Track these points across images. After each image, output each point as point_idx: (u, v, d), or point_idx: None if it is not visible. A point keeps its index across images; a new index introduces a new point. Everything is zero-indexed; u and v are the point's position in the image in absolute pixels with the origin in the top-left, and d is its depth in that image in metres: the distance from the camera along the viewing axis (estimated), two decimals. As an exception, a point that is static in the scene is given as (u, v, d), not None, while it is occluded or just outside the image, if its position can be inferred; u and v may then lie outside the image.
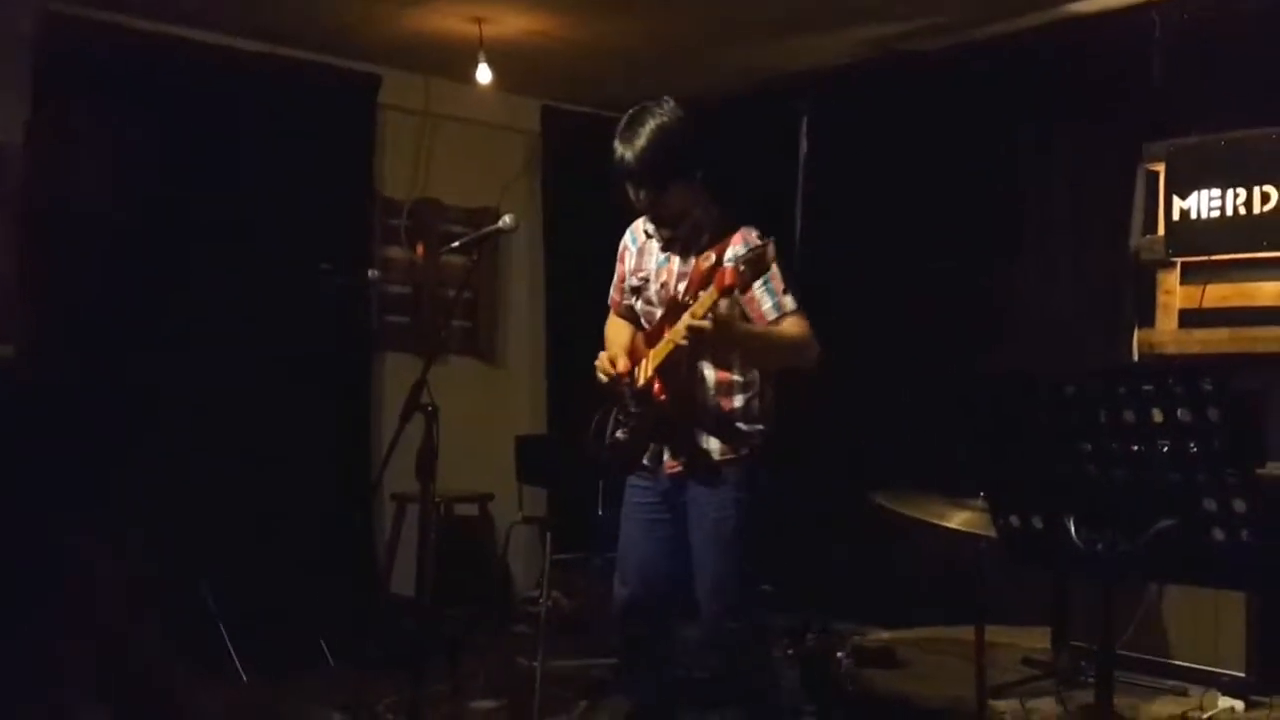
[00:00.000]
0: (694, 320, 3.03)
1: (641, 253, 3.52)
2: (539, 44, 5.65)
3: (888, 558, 5.19)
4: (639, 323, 3.55)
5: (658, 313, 3.40)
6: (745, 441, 3.35)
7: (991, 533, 2.70)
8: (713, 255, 3.14)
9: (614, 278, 3.64)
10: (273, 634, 4.99)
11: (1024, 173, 5.32)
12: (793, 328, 3.26)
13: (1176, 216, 4.65)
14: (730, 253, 3.18)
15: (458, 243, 3.73)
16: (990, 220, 5.35)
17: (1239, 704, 3.34)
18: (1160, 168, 4.73)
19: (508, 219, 3.40)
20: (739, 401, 3.37)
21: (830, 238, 5.52)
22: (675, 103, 3.31)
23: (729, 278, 2.95)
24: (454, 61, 5.71)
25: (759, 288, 3.16)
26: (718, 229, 3.32)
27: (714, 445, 3.35)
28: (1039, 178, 5.27)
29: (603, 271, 3.76)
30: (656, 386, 3.26)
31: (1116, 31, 4.95)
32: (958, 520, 3.04)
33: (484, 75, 5.52)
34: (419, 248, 6.31)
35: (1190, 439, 2.13)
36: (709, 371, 3.36)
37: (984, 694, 3.09)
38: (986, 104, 5.34)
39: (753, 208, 3.42)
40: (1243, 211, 4.49)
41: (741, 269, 2.96)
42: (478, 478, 5.81)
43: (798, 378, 3.45)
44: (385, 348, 6.17)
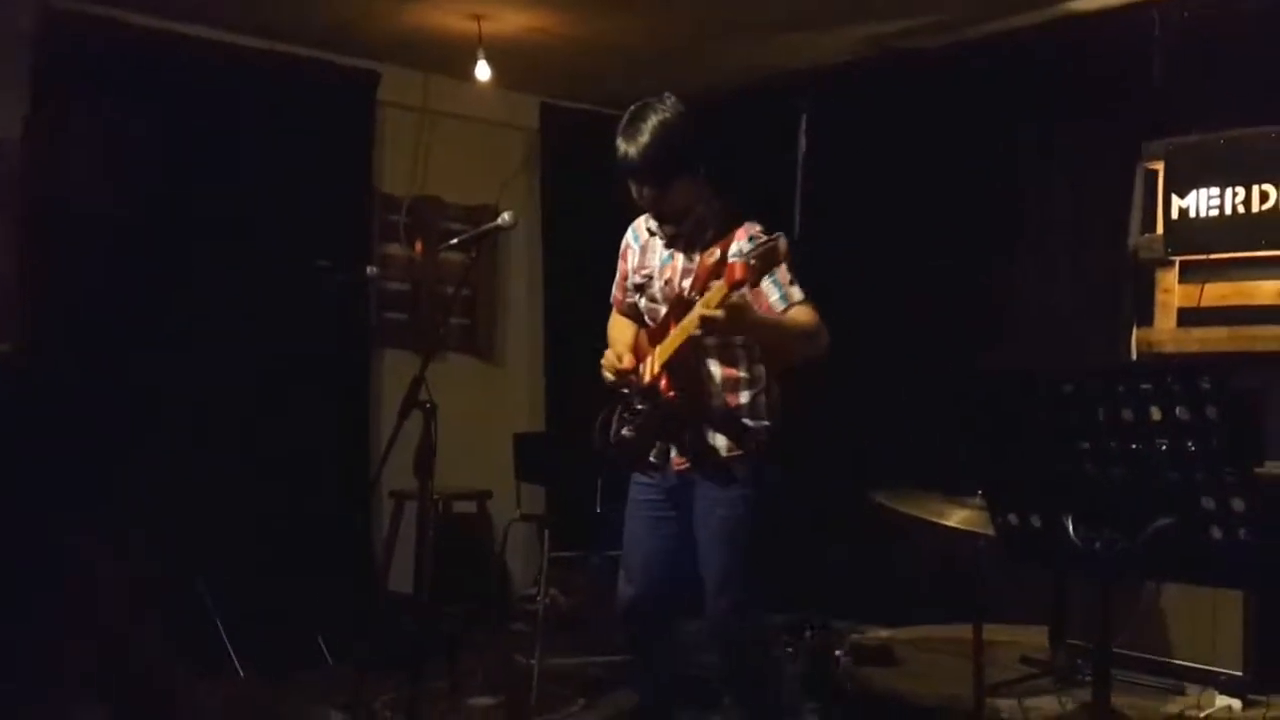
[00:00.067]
0: (707, 310, 3.01)
1: (645, 250, 3.51)
2: (538, 41, 5.64)
3: (886, 556, 5.19)
4: (642, 320, 3.54)
5: (662, 310, 3.39)
6: (752, 438, 3.35)
7: (990, 531, 2.69)
8: (717, 251, 3.13)
9: (616, 276, 3.63)
10: (271, 632, 4.98)
11: (1023, 171, 5.32)
12: (802, 316, 3.25)
13: (1175, 215, 4.65)
14: (735, 248, 3.17)
15: (456, 240, 3.72)
16: (989, 218, 5.36)
17: (1236, 703, 3.33)
18: (1159, 166, 4.72)
19: (506, 216, 3.40)
20: (745, 398, 3.36)
21: (829, 236, 5.51)
22: (676, 99, 3.31)
23: (739, 272, 2.93)
24: (453, 58, 5.70)
25: (765, 280, 3.14)
26: (721, 224, 3.31)
27: (721, 442, 3.35)
28: (1038, 176, 5.28)
29: (602, 269, 3.75)
30: (663, 383, 3.25)
31: (1116, 30, 4.95)
32: (956, 518, 3.04)
33: (483, 72, 5.52)
34: (418, 245, 6.30)
35: (1189, 437, 2.12)
36: (715, 368, 3.36)
37: (981, 692, 3.08)
38: (986, 102, 5.34)
39: (752, 205, 3.41)
40: (1241, 210, 4.49)
41: (752, 263, 2.93)
42: (476, 475, 5.81)
43: (797, 376, 3.45)
44: (384, 344, 6.16)
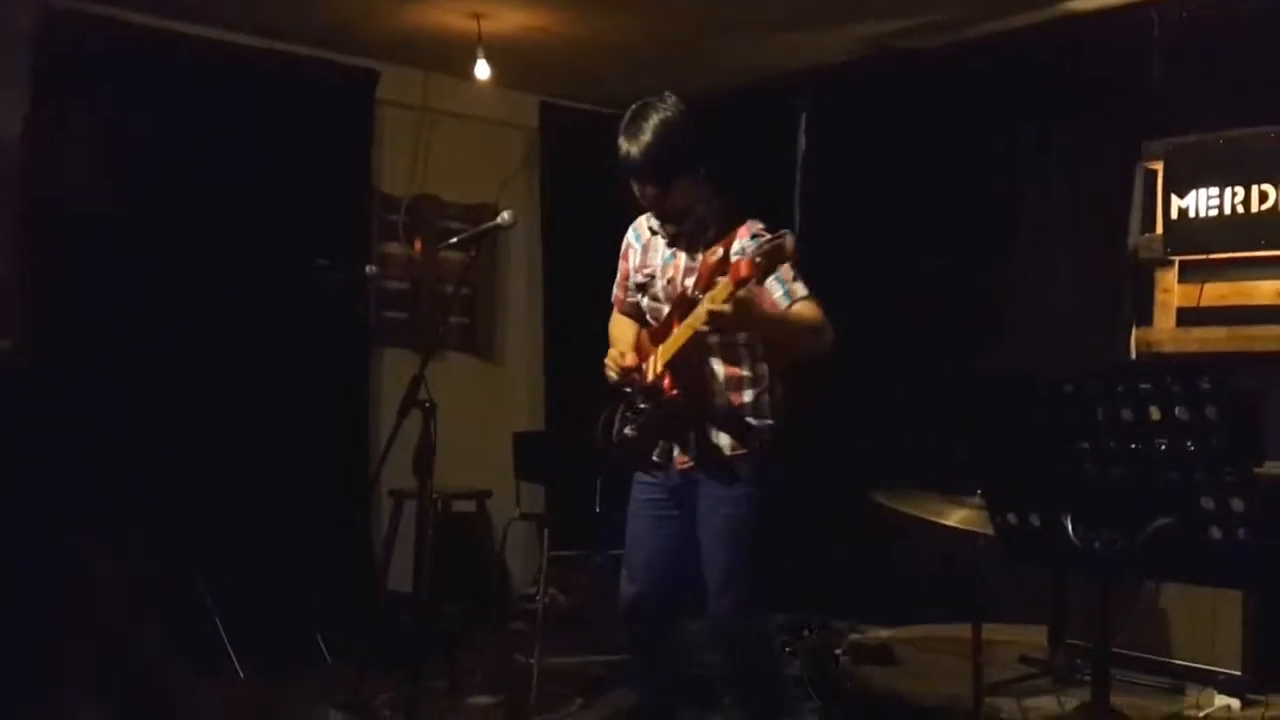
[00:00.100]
0: (714, 304, 3.00)
1: (646, 249, 3.51)
2: (538, 40, 5.64)
3: (886, 556, 5.19)
4: (644, 320, 3.54)
5: (665, 309, 3.39)
6: (755, 436, 3.35)
7: (989, 531, 2.69)
8: (720, 249, 3.13)
9: (617, 275, 3.63)
10: (270, 631, 4.97)
11: (1023, 171, 5.32)
12: (807, 311, 3.25)
13: (1175, 215, 4.65)
14: (737, 245, 3.17)
15: (456, 239, 3.72)
16: (989, 218, 5.36)
17: (1235, 702, 3.34)
18: (1159, 166, 4.73)
19: (506, 215, 3.40)
20: (748, 396, 3.36)
21: (828, 235, 5.51)
22: (677, 98, 3.31)
23: (745, 269, 2.92)
24: (453, 57, 5.70)
25: (769, 278, 3.13)
26: (723, 223, 3.31)
27: (724, 440, 3.35)
28: (1037, 176, 5.27)
29: (601, 268, 3.75)
30: (667, 382, 3.25)
31: (1115, 30, 4.95)
32: (955, 518, 3.04)
33: (483, 71, 5.51)
34: (417, 243, 6.30)
35: (1188, 437, 2.13)
36: (719, 367, 3.36)
37: (981, 692, 3.08)
38: (985, 102, 5.34)
39: (751, 205, 3.41)
40: (1241, 210, 4.49)
41: (758, 260, 2.92)
42: (475, 474, 5.81)
43: (796, 376, 3.45)
44: (383, 343, 6.16)
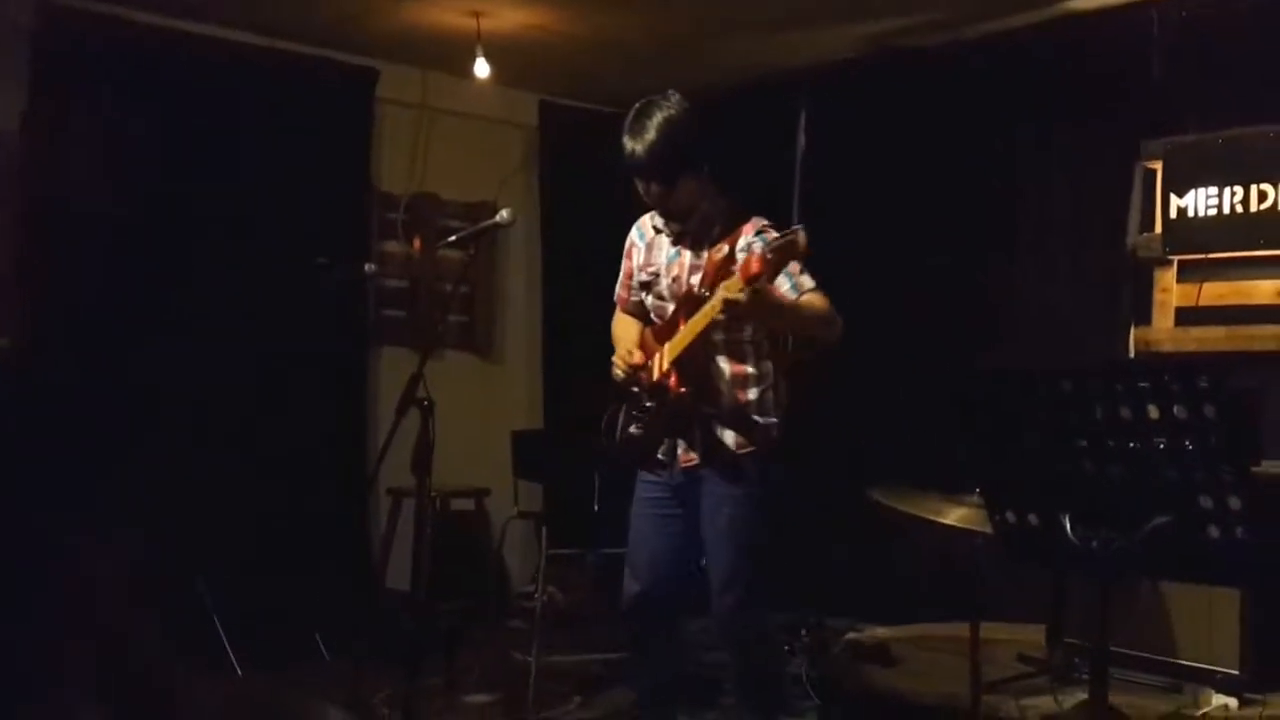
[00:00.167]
0: (730, 293, 2.99)
1: (650, 248, 3.51)
2: (537, 38, 5.64)
3: (885, 555, 5.19)
4: (648, 319, 3.54)
5: (670, 307, 3.39)
6: (761, 434, 3.35)
7: (988, 529, 2.69)
8: (725, 246, 3.13)
9: (620, 274, 3.63)
10: (269, 629, 4.98)
11: (1022, 170, 5.32)
12: (817, 301, 3.26)
13: (1174, 214, 4.65)
14: (742, 242, 3.17)
15: (455, 237, 3.72)
16: (988, 217, 5.36)
17: (1233, 701, 3.34)
18: (1158, 165, 4.73)
19: (505, 213, 3.39)
20: (754, 394, 3.37)
21: (828, 234, 5.45)
22: (680, 95, 3.30)
23: (756, 265, 2.91)
24: (452, 55, 5.70)
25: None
26: (728, 220, 3.32)
27: (730, 438, 3.35)
28: (1037, 175, 5.28)
29: (601, 266, 3.75)
30: (673, 379, 3.25)
31: (1115, 29, 4.95)
32: (954, 516, 3.04)
33: (482, 69, 5.51)
34: (416, 242, 6.29)
35: (1187, 436, 2.12)
36: (724, 364, 3.36)
37: (979, 690, 3.09)
38: (984, 101, 5.34)
39: (751, 204, 3.41)
40: (1240, 210, 4.49)
41: (769, 256, 2.92)
42: (474, 472, 5.80)
43: (797, 375, 3.45)
44: (382, 342, 6.16)
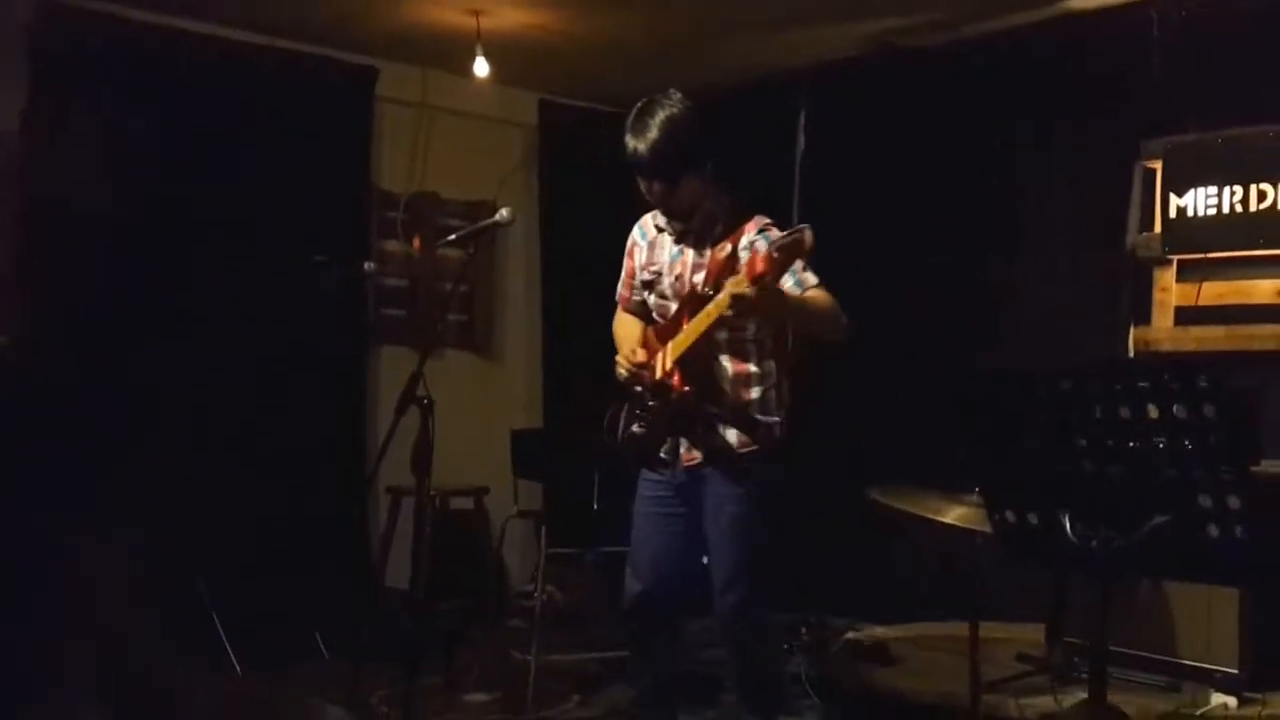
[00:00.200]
0: (738, 288, 2.98)
1: (653, 247, 3.51)
2: (537, 37, 5.64)
3: (885, 555, 5.20)
4: (650, 318, 3.54)
5: (672, 306, 3.39)
6: (763, 433, 3.35)
7: (987, 529, 2.70)
8: (728, 245, 3.13)
9: (622, 274, 3.63)
10: (268, 628, 4.97)
11: (1022, 169, 5.32)
12: (821, 298, 3.26)
13: (1173, 214, 4.65)
14: (745, 240, 3.16)
15: (454, 236, 3.72)
16: (988, 217, 5.36)
17: (1232, 700, 3.35)
18: (1158, 165, 4.72)
19: (504, 212, 3.39)
20: (756, 393, 3.37)
21: (827, 234, 5.46)
22: (682, 94, 3.30)
23: (761, 264, 2.90)
24: (452, 54, 5.69)
25: None
26: (730, 219, 3.32)
27: (733, 437, 3.35)
28: (1037, 174, 5.28)
29: (600, 265, 3.74)
30: (676, 378, 3.24)
31: (1115, 29, 4.95)
32: (953, 515, 3.04)
33: (481, 68, 5.51)
34: (416, 241, 6.29)
35: (1186, 436, 2.12)
36: (727, 363, 3.36)
37: (978, 689, 3.09)
38: (984, 100, 5.34)
39: (751, 203, 3.41)
40: (1239, 209, 4.49)
41: (774, 255, 2.91)
42: (473, 471, 5.79)
43: (798, 374, 3.45)
44: (381, 341, 6.15)
